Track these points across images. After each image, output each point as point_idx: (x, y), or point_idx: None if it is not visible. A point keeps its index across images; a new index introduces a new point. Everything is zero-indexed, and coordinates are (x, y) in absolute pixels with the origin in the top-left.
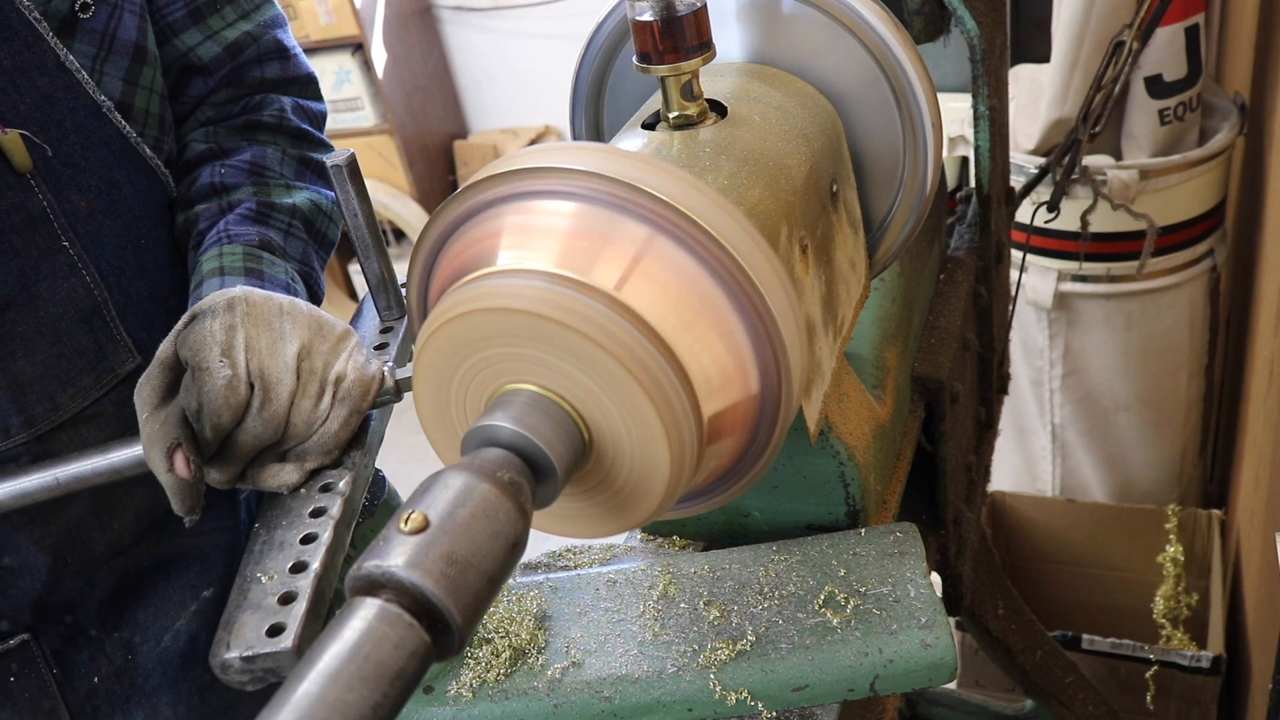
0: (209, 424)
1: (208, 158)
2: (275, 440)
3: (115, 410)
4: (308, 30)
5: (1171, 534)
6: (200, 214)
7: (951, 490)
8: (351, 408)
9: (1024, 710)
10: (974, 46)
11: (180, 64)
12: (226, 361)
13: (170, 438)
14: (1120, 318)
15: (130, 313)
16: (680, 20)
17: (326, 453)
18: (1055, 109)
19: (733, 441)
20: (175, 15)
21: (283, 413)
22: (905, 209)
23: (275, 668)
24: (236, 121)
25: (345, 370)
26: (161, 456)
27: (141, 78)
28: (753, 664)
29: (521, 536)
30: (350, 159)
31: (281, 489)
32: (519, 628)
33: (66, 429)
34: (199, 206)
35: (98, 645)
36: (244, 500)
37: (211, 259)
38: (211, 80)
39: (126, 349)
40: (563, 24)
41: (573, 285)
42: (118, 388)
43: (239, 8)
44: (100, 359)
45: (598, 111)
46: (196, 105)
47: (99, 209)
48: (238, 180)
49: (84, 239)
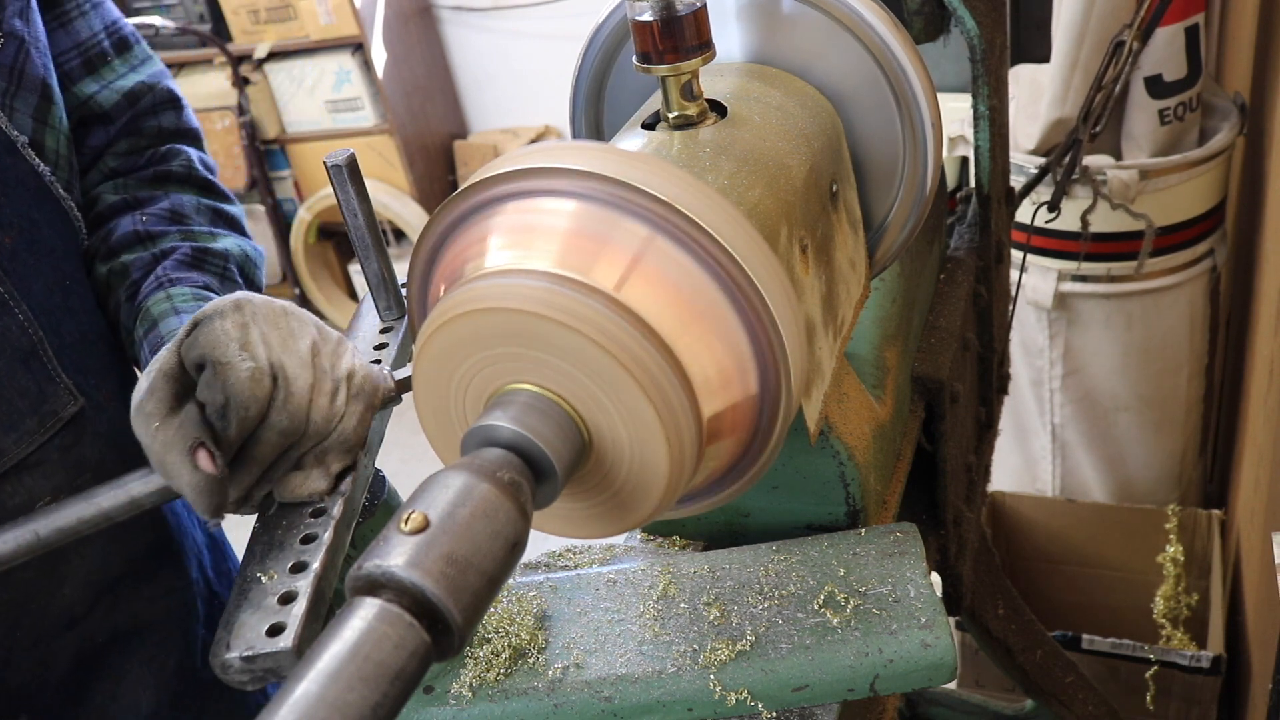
0: (235, 418)
1: (123, 208)
2: (297, 437)
3: (60, 457)
4: (308, 30)
5: (1171, 534)
6: (131, 264)
7: (951, 490)
8: (365, 403)
9: (1024, 710)
10: (974, 46)
11: (80, 113)
12: (247, 354)
13: (190, 438)
14: (1120, 318)
15: (65, 354)
16: (680, 20)
17: (347, 450)
18: (1055, 109)
19: (732, 441)
20: (71, 64)
21: (304, 405)
22: (905, 209)
23: (275, 668)
24: (146, 173)
25: (355, 367)
26: (183, 458)
27: (50, 117)
28: (753, 664)
29: (521, 536)
30: (350, 159)
31: (313, 497)
32: (519, 628)
33: (10, 478)
34: (126, 257)
35: None
36: (194, 558)
37: (160, 302)
38: (112, 129)
39: (67, 391)
40: (563, 24)
41: (572, 285)
42: (61, 432)
43: (129, 60)
44: (42, 401)
45: (598, 111)
46: (98, 156)
47: (22, 247)
48: (162, 229)
49: (12, 276)
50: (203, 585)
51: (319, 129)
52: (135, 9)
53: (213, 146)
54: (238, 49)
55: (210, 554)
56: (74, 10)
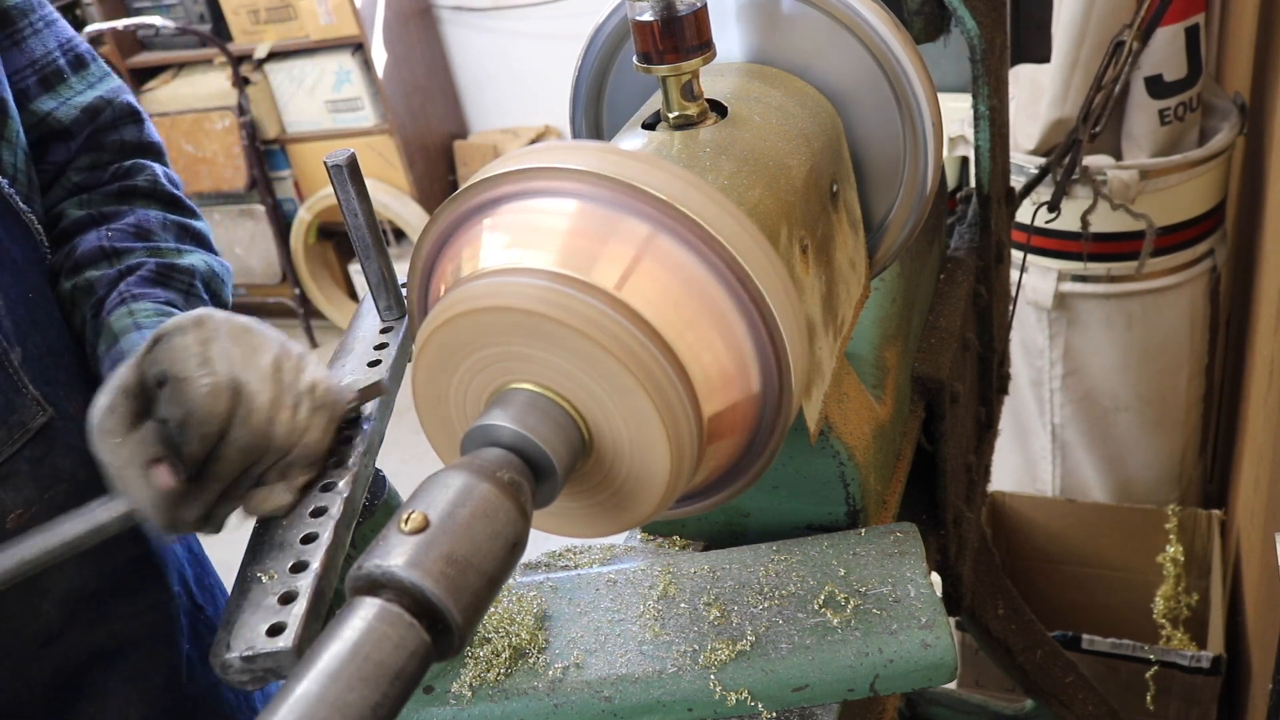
0: (196, 434)
1: (88, 224)
2: (259, 454)
3: (30, 469)
4: (308, 30)
5: (1171, 534)
6: (96, 281)
7: (951, 490)
8: (328, 415)
9: (1024, 710)
10: (974, 46)
11: (39, 130)
12: (207, 370)
13: (149, 453)
14: (1120, 318)
15: (31, 366)
16: (680, 20)
17: (311, 464)
18: (1055, 109)
19: (732, 441)
20: (27, 82)
21: (264, 421)
22: (905, 209)
23: (275, 667)
24: (111, 188)
25: (317, 379)
26: (140, 473)
27: (7, 130)
28: (753, 664)
29: (521, 536)
30: (350, 159)
31: (277, 512)
32: (519, 628)
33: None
34: (90, 273)
35: None
36: (176, 572)
37: (122, 317)
38: (73, 144)
39: (35, 402)
40: (563, 24)
41: (573, 284)
42: (30, 444)
43: (85, 78)
44: (10, 412)
45: (598, 111)
46: (59, 172)
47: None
48: (128, 245)
49: None
50: (185, 599)
51: (319, 129)
52: (135, 9)
53: (213, 146)
54: (238, 49)
55: (192, 568)
56: (26, 29)
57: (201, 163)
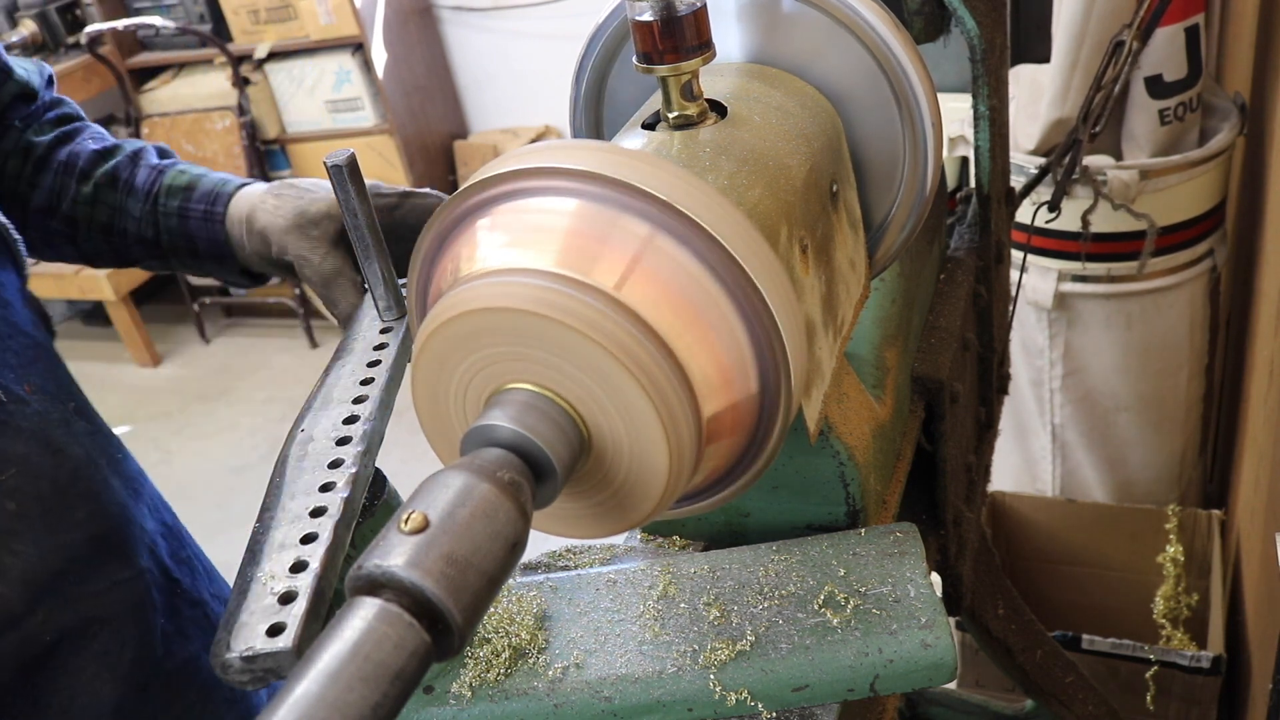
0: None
1: (59, 142)
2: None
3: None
4: (308, 30)
5: (1171, 534)
6: (117, 167)
7: (951, 490)
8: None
9: (1024, 710)
10: (974, 46)
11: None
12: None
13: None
14: (1120, 318)
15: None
16: (680, 20)
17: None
18: (1055, 109)
19: (732, 441)
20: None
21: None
22: (905, 209)
23: (275, 667)
24: (51, 115)
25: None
26: (348, 281)
27: None
28: (753, 664)
29: (521, 536)
30: (350, 159)
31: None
32: (519, 628)
33: None
34: (103, 167)
35: None
36: (144, 548)
37: (178, 175)
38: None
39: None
40: (563, 24)
41: (572, 285)
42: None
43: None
44: None
45: (598, 111)
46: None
47: None
48: (114, 142)
49: None
50: (157, 574)
51: (319, 129)
52: (135, 9)
53: (213, 146)
54: (238, 49)
55: (166, 542)
56: None
57: (201, 163)
